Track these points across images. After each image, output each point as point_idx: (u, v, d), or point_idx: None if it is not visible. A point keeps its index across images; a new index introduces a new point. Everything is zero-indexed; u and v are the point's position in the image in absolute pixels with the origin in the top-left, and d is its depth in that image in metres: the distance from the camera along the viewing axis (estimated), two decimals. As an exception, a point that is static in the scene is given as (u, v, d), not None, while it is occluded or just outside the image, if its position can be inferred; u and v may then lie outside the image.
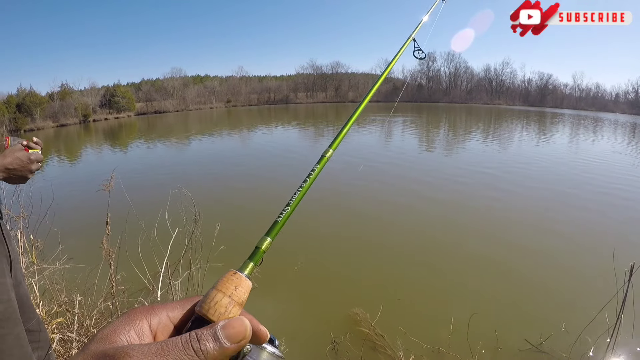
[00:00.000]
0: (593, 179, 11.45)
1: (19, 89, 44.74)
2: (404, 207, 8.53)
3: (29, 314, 1.73)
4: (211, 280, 3.67)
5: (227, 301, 0.43)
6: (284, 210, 0.60)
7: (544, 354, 3.72)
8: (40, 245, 3.93)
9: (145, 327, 0.41)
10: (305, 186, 0.65)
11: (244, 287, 0.46)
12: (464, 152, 17.14)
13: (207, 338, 0.38)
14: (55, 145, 25.99)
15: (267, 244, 0.54)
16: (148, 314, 0.42)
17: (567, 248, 6.27)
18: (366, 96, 1.03)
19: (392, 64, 1.26)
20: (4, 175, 1.49)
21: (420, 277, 5.45)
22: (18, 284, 1.64)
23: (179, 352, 0.36)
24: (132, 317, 0.41)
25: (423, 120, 35.13)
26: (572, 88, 76.95)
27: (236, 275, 0.46)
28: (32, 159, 1.57)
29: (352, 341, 3.77)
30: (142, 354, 0.35)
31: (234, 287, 0.45)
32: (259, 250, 0.53)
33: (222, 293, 0.44)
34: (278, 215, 0.59)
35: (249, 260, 0.51)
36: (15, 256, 1.68)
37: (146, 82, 69.02)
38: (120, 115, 50.30)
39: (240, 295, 0.45)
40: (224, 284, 0.45)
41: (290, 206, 0.61)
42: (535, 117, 43.46)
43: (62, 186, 10.75)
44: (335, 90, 77.22)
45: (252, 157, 16.04)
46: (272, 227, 0.57)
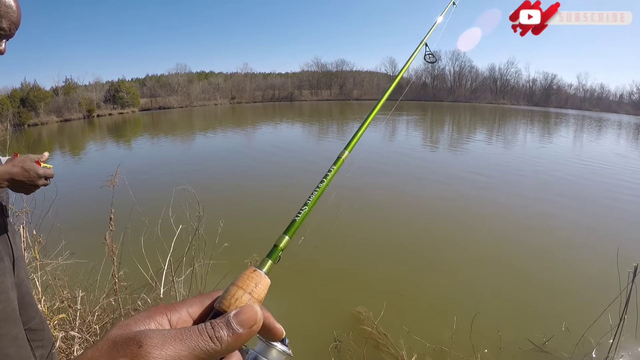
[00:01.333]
0: (596, 180, 11.42)
1: (23, 83, 44.81)
2: (408, 206, 8.53)
3: (31, 312, 1.72)
4: (214, 277, 3.67)
5: (247, 298, 0.44)
6: (302, 210, 0.61)
7: (547, 354, 3.71)
8: (43, 240, 3.93)
9: (165, 321, 0.42)
10: (322, 187, 0.67)
11: (263, 285, 0.47)
12: (467, 152, 17.09)
13: (221, 325, 0.40)
14: (59, 141, 26.09)
15: (285, 242, 0.55)
16: (168, 310, 0.43)
17: (570, 248, 6.25)
18: (380, 100, 1.08)
19: (404, 69, 1.27)
20: (8, 184, 1.40)
21: (423, 276, 5.44)
22: (20, 282, 1.64)
23: (196, 337, 0.38)
24: (152, 311, 0.43)
25: (427, 118, 35.08)
26: (576, 88, 76.77)
27: (256, 273, 0.47)
28: (41, 173, 1.45)
29: (355, 340, 3.77)
30: (162, 337, 0.36)
31: (254, 284, 0.46)
32: (277, 248, 0.54)
33: (242, 290, 0.45)
34: (296, 214, 0.60)
35: (267, 258, 0.52)
36: (19, 254, 1.67)
37: (151, 78, 69.05)
38: (124, 111, 50.31)
39: (260, 292, 0.46)
40: (244, 280, 0.46)
41: (307, 206, 0.62)
42: (540, 117, 43.35)
43: (66, 181, 10.77)
44: (340, 88, 77.19)
45: (256, 154, 16.03)
46: (290, 226, 0.58)
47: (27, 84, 44.50)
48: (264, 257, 0.52)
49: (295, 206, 0.62)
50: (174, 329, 0.40)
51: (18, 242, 1.66)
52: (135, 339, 0.36)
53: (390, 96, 1.16)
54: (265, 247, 0.56)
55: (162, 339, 0.36)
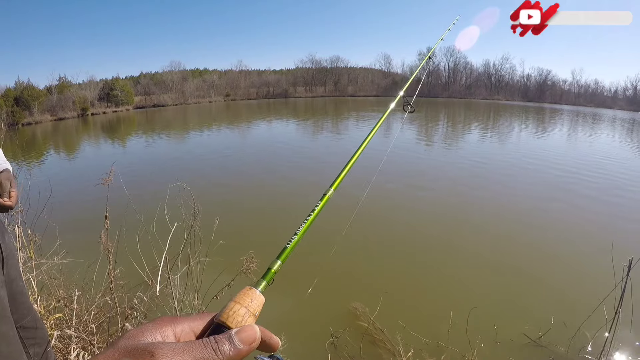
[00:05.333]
0: (591, 174, 11.47)
1: (17, 82, 44.30)
2: (403, 203, 8.54)
3: (23, 310, 1.71)
4: (210, 275, 3.66)
5: (243, 311, 0.49)
6: (292, 238, 0.68)
7: (543, 348, 3.73)
8: (38, 240, 3.90)
9: (170, 333, 0.46)
10: (309, 220, 0.73)
11: (258, 301, 0.52)
12: (461, 146, 17.12)
13: (224, 340, 0.44)
14: (54, 139, 25.94)
15: (277, 266, 0.62)
16: (173, 322, 0.48)
17: (566, 243, 6.29)
18: (366, 138, 1.18)
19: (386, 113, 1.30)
20: None
21: (419, 272, 5.46)
22: (11, 280, 1.63)
23: (201, 349, 0.42)
24: (159, 323, 0.47)
25: (422, 116, 35.09)
26: (571, 84, 76.77)
27: (252, 291, 0.53)
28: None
29: (352, 335, 3.78)
30: (171, 349, 0.40)
31: (249, 299, 0.51)
32: (271, 272, 0.60)
33: (239, 304, 0.50)
34: (287, 242, 0.67)
35: (262, 279, 0.57)
36: (10, 252, 1.67)
37: (145, 76, 68.56)
38: (118, 109, 49.93)
39: (255, 307, 0.51)
40: (241, 297, 0.51)
41: (297, 235, 0.69)
42: (535, 112, 43.46)
43: (60, 180, 10.73)
44: (335, 85, 76.83)
45: (251, 151, 16.00)
46: (282, 252, 0.65)
47: (21, 83, 44.05)
48: (260, 278, 0.58)
49: (290, 204, 0.64)
50: (182, 342, 0.43)
51: (8, 240, 1.65)
52: (147, 349, 0.40)
53: (386, 93, 1.20)
54: (261, 244, 0.57)
55: (171, 350, 0.40)
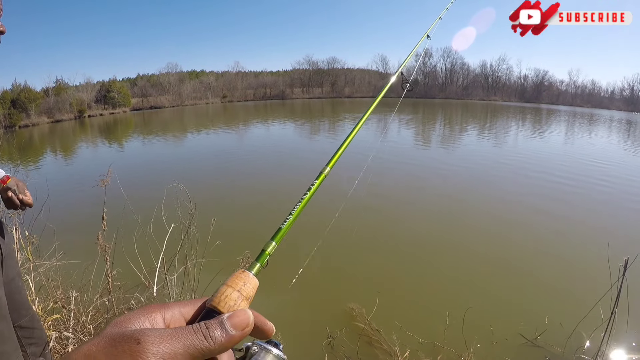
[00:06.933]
0: (587, 174, 11.50)
1: (13, 85, 44.18)
2: (399, 203, 8.55)
3: (22, 310, 1.72)
4: (207, 275, 3.67)
5: (236, 295, 0.47)
6: (287, 219, 0.65)
7: (539, 348, 3.74)
8: (36, 241, 3.91)
9: (159, 319, 0.44)
10: (305, 198, 0.70)
11: (251, 284, 0.50)
12: (456, 146, 17.15)
13: (215, 326, 0.42)
14: (51, 142, 25.86)
15: (272, 247, 0.59)
16: (162, 308, 0.46)
17: (561, 243, 6.31)
18: (363, 116, 1.15)
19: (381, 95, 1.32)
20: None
21: (415, 272, 5.47)
22: (10, 280, 1.64)
23: (190, 335, 0.39)
24: (147, 309, 0.45)
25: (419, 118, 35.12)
26: (567, 85, 77.06)
27: (244, 274, 0.50)
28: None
29: (348, 336, 3.79)
30: (158, 336, 0.38)
31: (242, 283, 0.49)
32: (265, 253, 0.58)
33: (231, 288, 0.48)
34: (282, 222, 0.64)
35: (256, 261, 0.55)
36: (9, 252, 1.68)
37: (142, 78, 68.41)
38: (115, 111, 49.82)
39: (248, 291, 0.49)
40: (233, 280, 0.49)
41: (292, 215, 0.66)
42: (532, 113, 43.53)
43: (58, 182, 10.72)
44: (332, 86, 76.81)
45: (247, 152, 15.97)
46: (277, 233, 0.62)
47: (18, 85, 43.91)
48: (253, 260, 0.56)
49: (286, 204, 0.64)
50: (170, 328, 0.42)
51: (7, 241, 1.67)
52: (133, 336, 0.38)
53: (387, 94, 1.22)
54: (257, 245, 0.58)
55: (159, 336, 0.38)
